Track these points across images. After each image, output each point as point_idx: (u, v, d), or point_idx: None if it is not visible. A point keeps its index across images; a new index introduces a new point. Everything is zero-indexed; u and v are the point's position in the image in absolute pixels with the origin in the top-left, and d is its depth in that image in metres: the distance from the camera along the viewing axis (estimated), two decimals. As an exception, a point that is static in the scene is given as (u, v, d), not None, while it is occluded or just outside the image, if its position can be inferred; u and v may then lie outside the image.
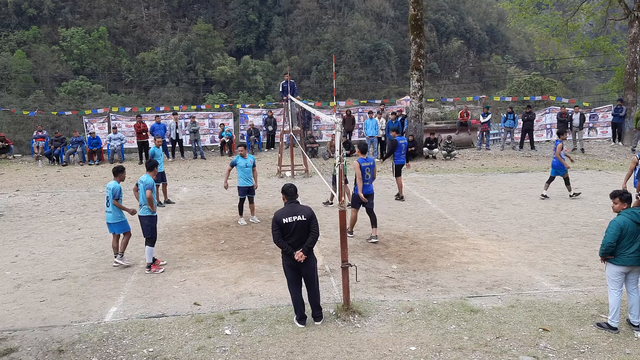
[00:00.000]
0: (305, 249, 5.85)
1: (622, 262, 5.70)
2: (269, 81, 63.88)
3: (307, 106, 12.30)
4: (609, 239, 5.69)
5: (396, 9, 76.36)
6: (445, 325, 6.01)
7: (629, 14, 20.48)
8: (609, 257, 5.77)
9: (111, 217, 8.20)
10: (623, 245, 5.66)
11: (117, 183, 8.18)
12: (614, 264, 5.76)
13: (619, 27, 29.52)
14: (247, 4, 72.48)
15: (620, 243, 5.67)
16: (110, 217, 8.21)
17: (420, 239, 9.32)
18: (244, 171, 10.32)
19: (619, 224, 5.68)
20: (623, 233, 5.64)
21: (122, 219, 8.23)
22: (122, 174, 8.31)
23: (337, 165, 6.24)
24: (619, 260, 5.70)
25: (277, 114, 20.36)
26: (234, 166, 10.39)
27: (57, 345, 5.77)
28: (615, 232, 5.66)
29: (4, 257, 8.89)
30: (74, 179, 16.03)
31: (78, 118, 27.53)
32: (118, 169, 8.32)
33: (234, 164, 10.38)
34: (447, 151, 18.04)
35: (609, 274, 5.86)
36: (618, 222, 5.70)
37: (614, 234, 5.66)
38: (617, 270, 5.75)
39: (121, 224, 8.25)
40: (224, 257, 8.57)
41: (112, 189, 8.12)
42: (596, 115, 21.28)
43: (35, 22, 65.32)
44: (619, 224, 5.68)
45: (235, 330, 5.98)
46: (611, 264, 5.79)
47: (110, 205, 8.15)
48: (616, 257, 5.72)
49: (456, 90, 65.99)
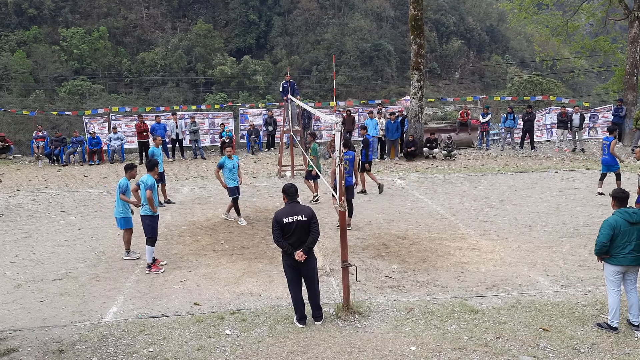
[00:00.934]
0: (306, 248, 5.85)
1: (617, 262, 5.71)
2: (269, 81, 63.89)
3: (307, 106, 12.30)
4: (601, 238, 5.71)
5: (396, 9, 76.37)
6: (446, 325, 6.01)
7: (629, 14, 20.48)
8: (605, 256, 5.78)
9: (115, 211, 8.48)
10: (617, 244, 5.67)
11: (126, 179, 8.35)
12: (610, 264, 5.77)
13: (619, 27, 29.52)
14: (247, 4, 72.49)
15: (615, 242, 5.68)
16: (115, 211, 8.49)
17: (420, 239, 9.32)
18: (231, 172, 10.37)
19: (610, 224, 5.70)
20: (616, 232, 5.65)
21: (126, 215, 8.39)
22: (132, 170, 8.45)
23: (338, 166, 6.24)
24: (615, 260, 5.72)
25: (277, 114, 20.37)
26: (221, 168, 10.38)
27: (57, 345, 5.77)
28: (607, 232, 5.68)
29: (4, 257, 8.90)
30: (74, 179, 16.03)
31: (78, 118, 27.52)
32: (129, 165, 8.50)
33: (222, 165, 10.37)
34: (447, 151, 18.04)
35: (606, 274, 5.88)
36: (610, 222, 5.72)
37: (607, 233, 5.68)
38: (614, 270, 5.76)
39: (124, 219, 8.40)
40: (224, 257, 8.57)
41: (119, 184, 8.34)
42: (596, 115, 21.27)
43: (35, 22, 65.32)
44: (610, 224, 5.70)
45: (235, 330, 5.98)
46: (608, 263, 5.81)
47: (117, 199, 8.39)
48: (612, 256, 5.73)
49: (456, 90, 66.01)
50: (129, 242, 8.58)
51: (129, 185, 8.32)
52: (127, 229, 8.48)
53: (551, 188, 13.13)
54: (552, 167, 16.06)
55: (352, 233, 9.48)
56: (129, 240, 8.57)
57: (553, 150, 19.23)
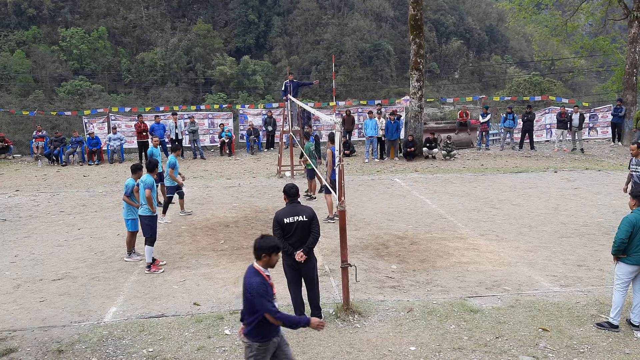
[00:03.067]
0: (306, 249, 5.85)
1: (635, 262, 5.64)
2: (268, 81, 63.91)
3: (307, 106, 12.30)
4: (620, 235, 5.64)
5: (396, 9, 76.37)
6: (445, 325, 6.01)
7: (629, 14, 20.49)
8: (622, 255, 5.73)
9: (123, 213, 8.45)
10: (635, 244, 5.61)
11: (132, 180, 8.31)
12: (626, 263, 5.70)
13: (619, 27, 29.51)
14: (246, 4, 72.49)
15: (633, 241, 5.62)
16: (123, 213, 8.47)
17: (419, 239, 9.32)
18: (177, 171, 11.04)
19: (630, 221, 5.65)
20: (635, 230, 5.61)
21: (133, 216, 8.31)
22: (140, 171, 8.40)
23: (337, 166, 6.23)
24: (632, 259, 5.65)
25: (277, 114, 20.37)
26: (174, 168, 10.87)
27: (56, 346, 5.77)
28: (627, 229, 5.62)
29: (3, 257, 8.89)
30: (73, 179, 16.02)
31: (77, 118, 27.50)
32: (136, 166, 8.47)
33: (174, 165, 10.87)
34: (447, 151, 18.05)
35: (618, 273, 5.79)
36: (630, 219, 5.67)
37: (626, 230, 5.62)
38: (629, 270, 5.70)
39: (131, 221, 8.33)
40: (224, 257, 8.57)
41: (126, 184, 8.31)
42: (596, 115, 21.29)
43: (34, 22, 65.30)
44: (630, 221, 5.65)
45: (235, 330, 5.97)
46: (623, 262, 5.73)
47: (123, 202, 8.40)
48: (629, 256, 5.67)
49: (456, 90, 65.98)
50: (131, 244, 8.51)
51: (132, 186, 8.28)
52: (134, 231, 8.39)
53: (550, 188, 13.13)
54: (552, 167, 16.07)
55: (352, 233, 9.47)
56: (131, 242, 8.50)
57: (552, 150, 19.24)
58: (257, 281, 4.01)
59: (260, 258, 4.12)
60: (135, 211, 8.24)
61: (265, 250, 4.10)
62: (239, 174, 16.12)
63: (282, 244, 5.88)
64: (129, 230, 8.42)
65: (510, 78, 56.02)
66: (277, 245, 4.16)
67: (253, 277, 4.04)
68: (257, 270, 4.11)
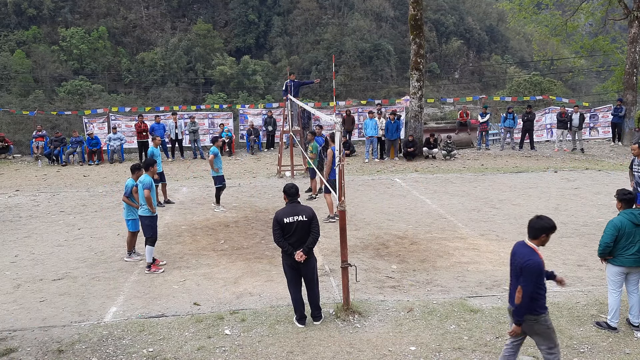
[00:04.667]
0: (306, 249, 5.85)
1: (621, 263, 5.70)
2: (268, 81, 63.96)
3: (307, 106, 12.30)
4: (605, 239, 5.69)
5: (396, 9, 76.40)
6: (445, 325, 6.01)
7: (629, 14, 20.48)
8: (608, 257, 5.78)
9: (124, 213, 8.45)
10: (621, 246, 5.66)
11: (132, 181, 8.30)
12: (614, 265, 5.76)
13: (619, 27, 29.50)
14: (246, 4, 72.51)
15: (619, 244, 5.66)
16: (124, 213, 8.46)
17: (420, 239, 9.32)
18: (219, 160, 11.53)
19: (615, 225, 5.68)
20: (620, 233, 5.64)
21: (133, 217, 8.31)
22: (139, 171, 8.39)
23: (338, 166, 6.23)
24: (618, 260, 5.71)
25: (277, 114, 20.36)
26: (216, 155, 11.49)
27: (56, 346, 5.77)
28: (612, 233, 5.66)
29: (3, 257, 8.89)
30: (73, 179, 16.02)
31: (78, 118, 27.50)
32: (135, 166, 8.45)
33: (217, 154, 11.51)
34: (447, 151, 18.05)
35: (608, 275, 5.86)
36: (615, 223, 5.70)
37: (611, 234, 5.66)
38: (617, 270, 5.75)
39: (131, 221, 8.34)
40: (224, 257, 8.57)
41: (126, 185, 8.31)
42: (596, 115, 21.29)
43: (35, 22, 65.34)
44: (615, 225, 5.68)
45: (235, 330, 5.98)
46: (611, 264, 5.79)
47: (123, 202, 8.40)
48: (615, 257, 5.72)
49: (456, 90, 65.98)
50: (131, 244, 8.51)
51: (132, 187, 8.28)
52: (135, 231, 8.39)
53: (551, 188, 13.13)
54: (552, 167, 16.06)
55: (352, 233, 9.47)
56: (131, 242, 8.50)
57: (553, 150, 19.24)
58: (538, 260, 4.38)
59: (537, 237, 4.47)
60: (135, 212, 8.23)
61: (545, 230, 4.44)
62: (239, 174, 16.12)
63: (282, 244, 5.90)
64: (130, 231, 8.43)
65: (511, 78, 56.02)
66: (555, 226, 4.49)
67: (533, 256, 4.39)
68: (532, 248, 4.47)
